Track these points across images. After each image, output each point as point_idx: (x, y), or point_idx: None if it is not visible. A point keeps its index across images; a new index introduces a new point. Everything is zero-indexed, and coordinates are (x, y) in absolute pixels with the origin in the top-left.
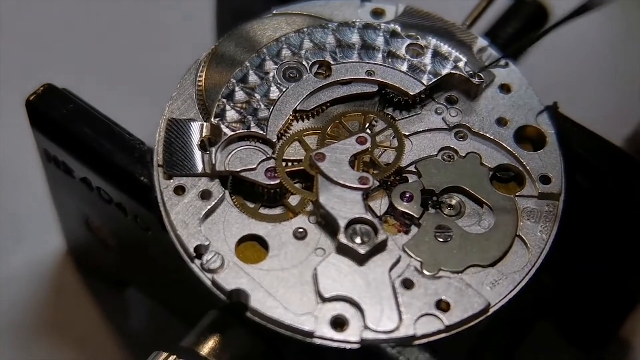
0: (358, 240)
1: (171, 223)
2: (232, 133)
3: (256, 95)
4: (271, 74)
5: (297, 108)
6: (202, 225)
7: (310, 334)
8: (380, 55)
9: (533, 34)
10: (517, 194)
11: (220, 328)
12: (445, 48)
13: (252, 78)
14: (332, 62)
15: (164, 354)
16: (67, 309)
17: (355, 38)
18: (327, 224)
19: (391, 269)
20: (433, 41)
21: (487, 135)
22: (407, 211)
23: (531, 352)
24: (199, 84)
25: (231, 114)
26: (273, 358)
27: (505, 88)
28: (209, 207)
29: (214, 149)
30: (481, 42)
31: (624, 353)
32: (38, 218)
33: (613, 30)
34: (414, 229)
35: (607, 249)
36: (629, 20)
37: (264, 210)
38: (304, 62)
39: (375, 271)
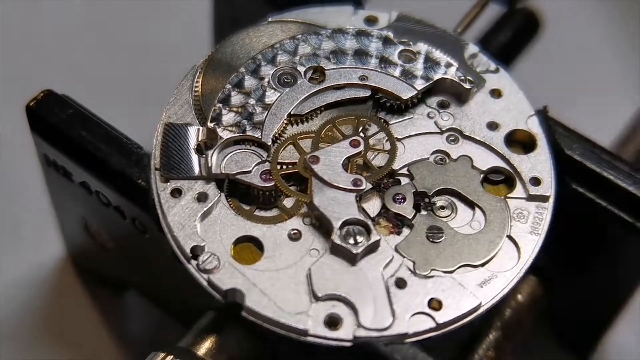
0: (351, 240)
1: (168, 225)
2: (228, 137)
3: (252, 99)
4: (266, 79)
5: (292, 112)
6: (199, 227)
7: (305, 333)
8: (373, 61)
9: None
10: (507, 195)
11: (217, 328)
12: (437, 54)
13: (248, 83)
14: (326, 68)
15: (162, 354)
16: (67, 312)
17: (348, 44)
18: (321, 225)
19: (384, 268)
20: (425, 47)
21: (478, 138)
22: (399, 213)
23: (525, 353)
24: (196, 89)
25: (227, 118)
26: (268, 357)
27: (496, 93)
28: (205, 209)
29: (210, 153)
30: (472, 48)
31: (616, 356)
32: (37, 222)
33: (606, 34)
34: (406, 230)
35: (598, 251)
36: (619, 25)
37: (259, 213)
38: (299, 68)
39: (369, 271)
